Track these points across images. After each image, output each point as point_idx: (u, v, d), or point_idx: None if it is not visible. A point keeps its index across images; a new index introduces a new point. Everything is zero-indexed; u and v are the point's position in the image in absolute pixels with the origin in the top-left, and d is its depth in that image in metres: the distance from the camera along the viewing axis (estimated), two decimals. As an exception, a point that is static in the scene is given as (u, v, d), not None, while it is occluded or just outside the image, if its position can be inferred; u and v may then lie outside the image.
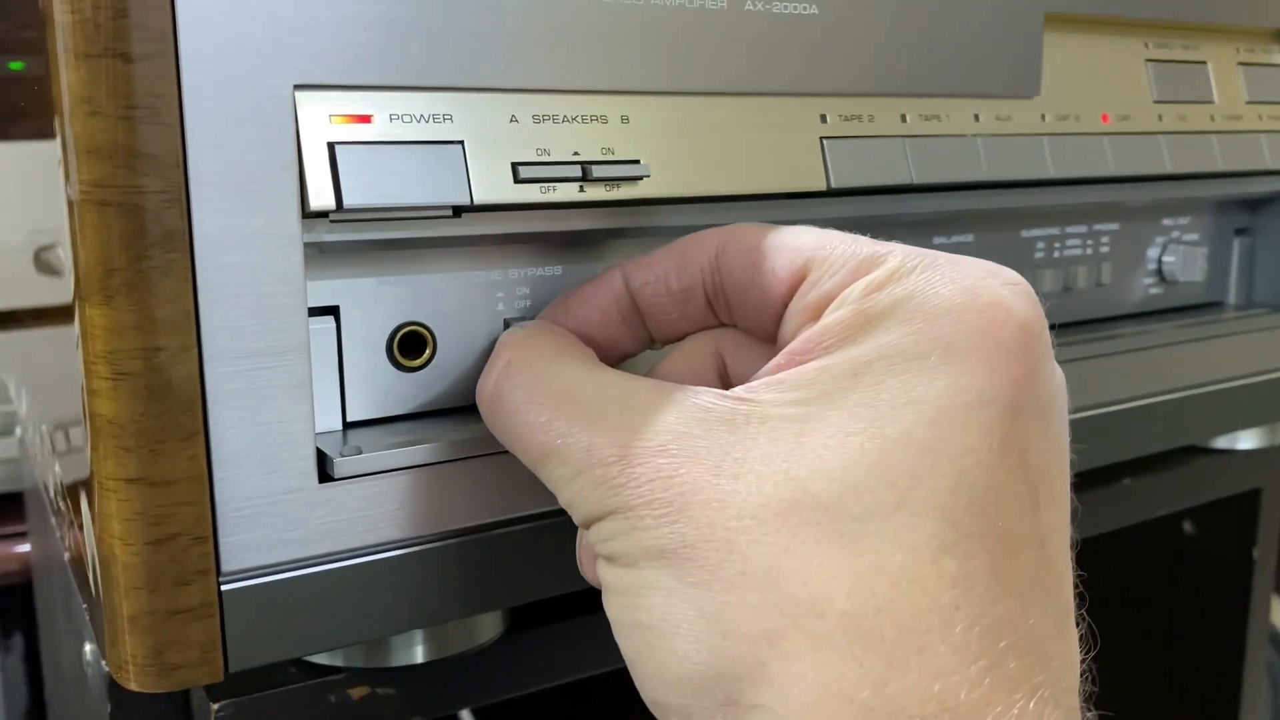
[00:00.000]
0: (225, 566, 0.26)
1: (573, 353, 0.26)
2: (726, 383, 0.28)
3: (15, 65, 0.54)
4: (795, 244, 0.25)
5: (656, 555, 0.22)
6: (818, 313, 0.24)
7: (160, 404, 0.24)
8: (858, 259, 0.24)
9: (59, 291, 0.33)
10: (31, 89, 0.46)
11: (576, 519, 0.25)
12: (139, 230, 0.24)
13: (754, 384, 0.24)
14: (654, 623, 0.22)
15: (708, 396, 0.23)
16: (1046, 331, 0.24)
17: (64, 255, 0.27)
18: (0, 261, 0.61)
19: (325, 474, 0.26)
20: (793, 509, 0.21)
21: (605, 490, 0.23)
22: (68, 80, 0.23)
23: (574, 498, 0.24)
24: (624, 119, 0.29)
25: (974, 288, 0.23)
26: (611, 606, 0.24)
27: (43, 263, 0.54)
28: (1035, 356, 0.23)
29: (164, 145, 0.24)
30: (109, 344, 0.24)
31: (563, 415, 0.24)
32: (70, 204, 0.24)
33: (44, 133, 0.40)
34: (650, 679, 0.23)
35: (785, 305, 0.25)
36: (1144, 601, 0.63)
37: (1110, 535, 0.48)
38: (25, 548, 0.73)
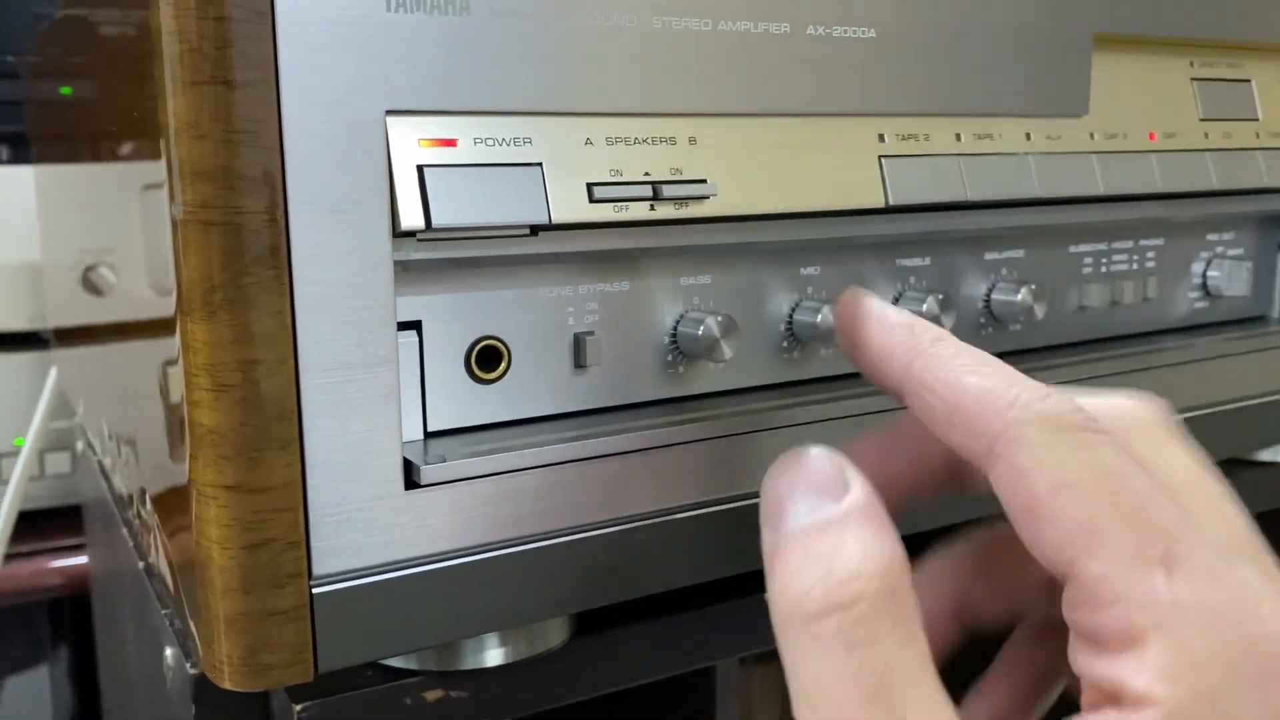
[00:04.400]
0: (316, 570, 0.27)
1: (918, 647, 0.22)
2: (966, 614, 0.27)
3: (65, 90, 0.56)
4: (1064, 530, 0.22)
5: None
6: (1099, 650, 0.21)
7: (258, 414, 0.25)
8: (1131, 612, 0.20)
9: (136, 308, 0.34)
10: (80, 113, 0.48)
11: None
12: (240, 248, 0.25)
13: None
14: None
15: None
16: None
17: (159, 272, 0.28)
18: (55, 281, 0.63)
19: (411, 481, 0.27)
20: None
21: None
22: (174, 106, 0.25)
23: None
24: (692, 140, 0.30)
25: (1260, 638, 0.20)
26: None
27: (89, 282, 0.55)
28: None
29: (264, 167, 0.25)
30: (210, 357, 0.25)
31: (864, 696, 0.21)
32: (174, 223, 0.25)
33: (93, 155, 0.41)
34: None
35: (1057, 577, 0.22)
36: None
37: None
38: (70, 562, 0.75)
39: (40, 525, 0.76)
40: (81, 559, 0.75)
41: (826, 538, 0.22)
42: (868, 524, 0.22)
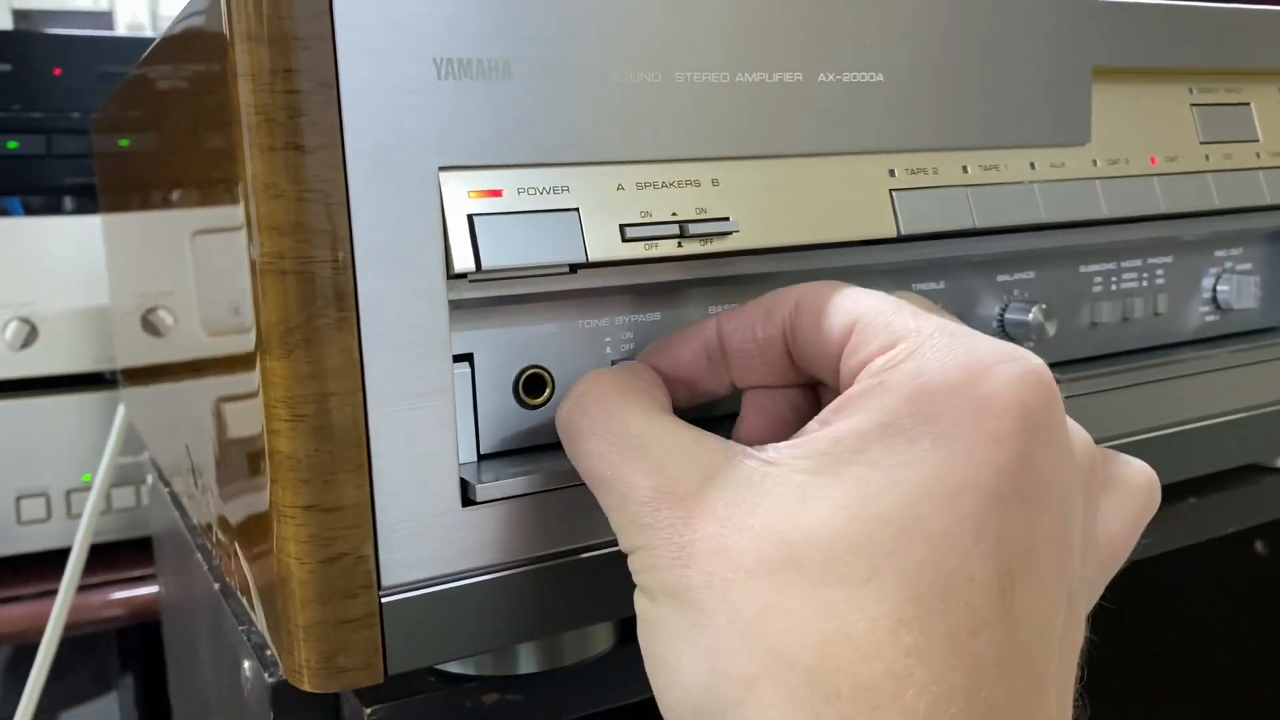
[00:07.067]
0: (385, 581, 0.30)
1: (640, 394, 0.29)
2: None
3: (123, 142, 0.60)
4: (850, 305, 0.28)
5: (670, 594, 0.26)
6: (854, 377, 0.27)
7: (331, 441, 0.28)
8: (891, 331, 0.27)
9: (208, 348, 0.38)
10: (148, 167, 0.52)
11: (621, 547, 0.28)
12: (312, 294, 0.28)
13: (783, 445, 0.27)
14: (665, 655, 0.26)
15: (739, 454, 0.27)
16: (1052, 417, 0.26)
17: (234, 314, 0.31)
18: (124, 324, 0.66)
19: (467, 499, 0.30)
20: (781, 569, 0.24)
21: (636, 527, 0.27)
22: (253, 169, 0.28)
23: (616, 528, 0.28)
24: (714, 182, 0.33)
25: (979, 374, 0.25)
26: (640, 634, 0.28)
27: (148, 324, 0.59)
28: (1027, 445, 0.25)
29: (333, 221, 0.28)
30: (288, 391, 0.28)
31: (616, 449, 0.28)
32: (254, 271, 0.28)
33: (157, 205, 0.45)
34: (662, 701, 0.27)
35: (839, 363, 0.28)
36: (1214, 621, 0.65)
37: (1178, 553, 0.51)
38: (136, 592, 0.78)
39: (107, 558, 0.80)
40: (146, 589, 0.78)
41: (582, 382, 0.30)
42: (609, 373, 0.30)
